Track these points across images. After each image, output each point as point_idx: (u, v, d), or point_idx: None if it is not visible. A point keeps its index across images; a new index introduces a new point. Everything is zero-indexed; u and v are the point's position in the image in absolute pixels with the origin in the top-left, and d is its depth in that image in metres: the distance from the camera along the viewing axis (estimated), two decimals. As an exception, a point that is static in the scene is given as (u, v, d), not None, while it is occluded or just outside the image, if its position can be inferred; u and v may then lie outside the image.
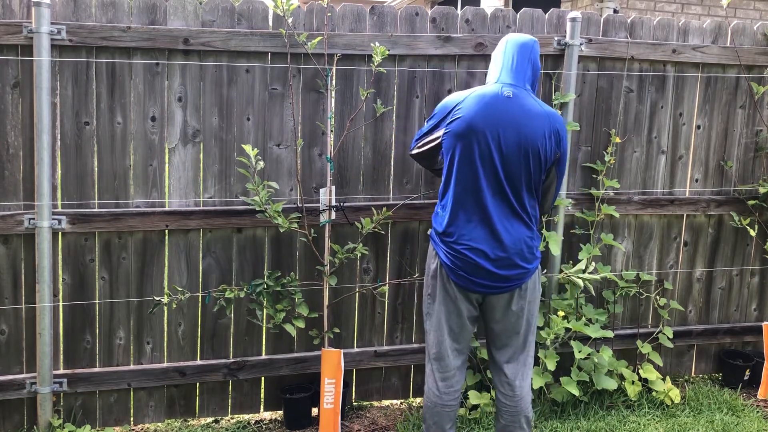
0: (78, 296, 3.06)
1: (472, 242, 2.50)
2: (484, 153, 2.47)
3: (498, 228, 2.50)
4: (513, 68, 2.57)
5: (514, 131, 2.47)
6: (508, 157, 2.47)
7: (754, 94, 3.73)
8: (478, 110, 2.48)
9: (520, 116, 2.48)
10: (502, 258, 2.50)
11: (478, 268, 2.50)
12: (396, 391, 3.53)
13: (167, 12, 2.98)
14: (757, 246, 3.90)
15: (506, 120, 2.47)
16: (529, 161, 2.49)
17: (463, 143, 2.49)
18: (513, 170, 2.49)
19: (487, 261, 2.49)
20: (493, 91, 2.52)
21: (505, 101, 2.49)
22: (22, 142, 2.91)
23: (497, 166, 2.47)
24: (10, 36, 2.81)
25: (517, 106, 2.49)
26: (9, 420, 3.06)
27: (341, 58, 3.15)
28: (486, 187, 2.49)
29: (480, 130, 2.47)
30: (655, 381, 3.56)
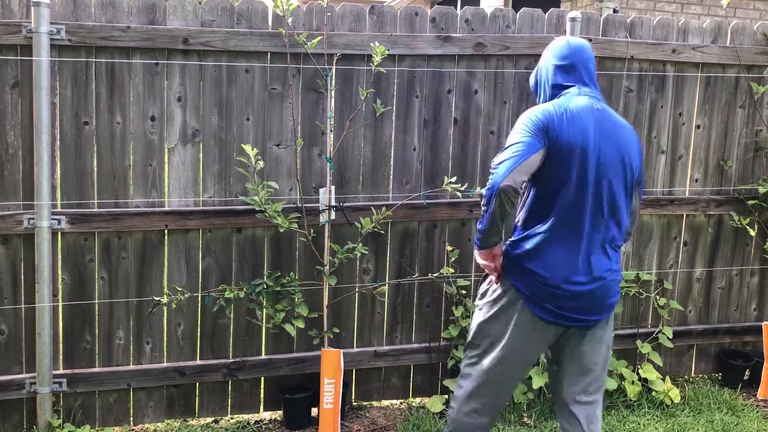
0: (77, 296, 3.06)
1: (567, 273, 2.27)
2: (582, 173, 2.24)
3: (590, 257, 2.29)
4: (588, 77, 2.40)
5: (613, 148, 2.28)
6: (611, 176, 2.27)
7: (753, 93, 3.73)
8: (577, 123, 2.25)
9: (614, 131, 2.30)
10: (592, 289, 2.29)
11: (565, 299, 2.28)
12: (396, 391, 3.53)
13: (167, 12, 2.98)
14: (757, 246, 3.89)
15: (605, 136, 2.27)
16: (627, 179, 2.32)
17: (563, 158, 2.23)
18: (615, 190, 2.29)
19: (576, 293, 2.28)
20: (583, 103, 2.30)
21: (597, 113, 2.29)
22: (21, 142, 2.91)
23: (593, 187, 2.25)
24: (10, 36, 2.81)
25: (609, 120, 2.31)
26: (8, 420, 3.06)
27: (341, 58, 3.15)
28: (589, 212, 2.26)
29: (582, 144, 2.23)
30: (655, 381, 3.56)
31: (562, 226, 2.26)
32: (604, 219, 2.29)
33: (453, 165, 3.40)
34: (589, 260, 2.27)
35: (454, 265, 3.45)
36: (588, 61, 2.42)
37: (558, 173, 2.24)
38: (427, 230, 3.42)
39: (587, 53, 2.43)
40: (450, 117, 3.37)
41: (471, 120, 3.39)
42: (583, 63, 2.41)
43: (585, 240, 2.27)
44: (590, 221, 2.26)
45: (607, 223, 2.30)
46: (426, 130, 3.35)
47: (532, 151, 2.21)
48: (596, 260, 2.28)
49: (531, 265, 2.28)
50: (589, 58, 2.43)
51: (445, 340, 3.49)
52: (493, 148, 3.44)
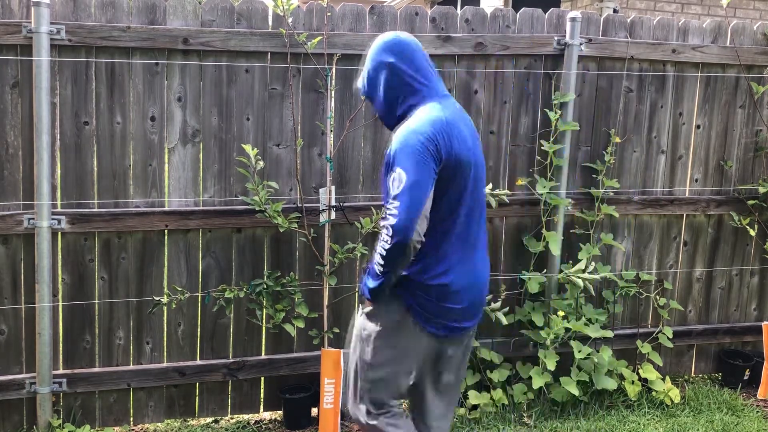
0: (77, 296, 3.06)
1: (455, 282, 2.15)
2: (468, 180, 2.12)
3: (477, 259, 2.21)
4: (432, 75, 2.19)
5: (479, 148, 2.20)
6: (481, 178, 2.19)
7: (753, 93, 3.73)
8: (461, 134, 2.10)
9: (472, 131, 2.20)
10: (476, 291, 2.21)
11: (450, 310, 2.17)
12: (396, 391, 3.53)
13: (167, 12, 2.98)
14: (757, 246, 3.89)
15: (474, 138, 2.17)
16: (484, 179, 2.24)
17: (455, 177, 2.08)
18: (481, 191, 2.21)
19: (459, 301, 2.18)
20: (452, 107, 2.15)
21: (463, 116, 2.17)
22: (21, 142, 2.90)
23: (479, 193, 2.18)
24: (10, 36, 2.81)
25: (467, 119, 2.21)
26: (8, 420, 3.06)
27: (341, 57, 3.15)
28: (474, 219, 2.17)
29: (467, 155, 2.10)
30: (655, 381, 3.56)
31: (459, 239, 2.13)
32: (483, 226, 2.22)
33: (453, 165, 3.40)
34: (478, 265, 2.21)
35: (454, 265, 3.44)
36: (424, 56, 2.21)
37: (453, 192, 2.08)
38: (427, 230, 3.42)
39: (420, 46, 2.23)
40: (450, 117, 3.36)
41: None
42: (423, 59, 2.19)
43: (476, 247, 2.19)
44: (476, 232, 2.18)
45: (483, 227, 2.23)
46: (426, 130, 3.34)
47: (427, 191, 2.00)
48: (483, 264, 2.24)
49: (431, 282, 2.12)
50: (423, 52, 2.22)
51: (445, 340, 3.48)
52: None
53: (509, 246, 3.54)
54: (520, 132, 3.47)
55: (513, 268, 3.55)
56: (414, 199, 1.97)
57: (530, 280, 3.39)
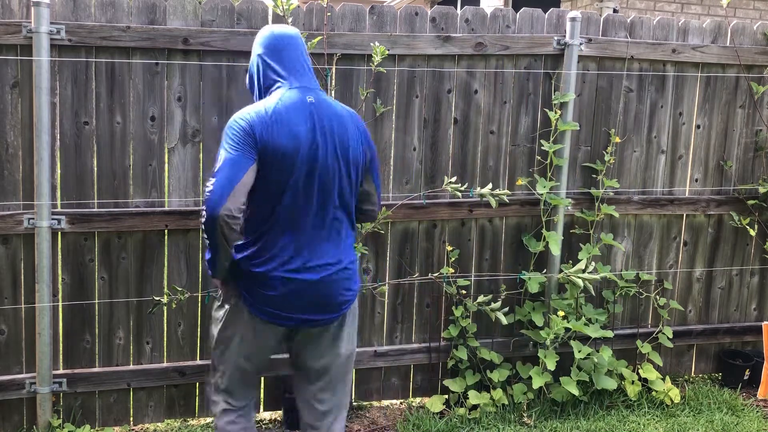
0: (77, 296, 3.06)
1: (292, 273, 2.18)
2: (306, 171, 2.14)
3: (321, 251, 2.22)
4: (297, 67, 2.23)
5: (331, 140, 2.18)
6: (333, 172, 2.18)
7: (753, 93, 3.73)
8: (287, 123, 2.12)
9: (331, 121, 2.19)
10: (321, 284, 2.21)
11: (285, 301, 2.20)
12: (396, 391, 3.53)
13: (167, 12, 2.98)
14: (757, 246, 3.89)
15: (321, 130, 2.16)
16: (351, 169, 2.23)
17: (279, 165, 2.12)
18: (340, 185, 2.21)
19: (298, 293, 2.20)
20: (293, 98, 2.17)
21: (310, 107, 2.17)
22: (21, 142, 2.90)
23: (317, 183, 2.17)
24: (10, 36, 2.81)
25: (325, 110, 2.19)
26: (8, 420, 3.06)
27: (341, 57, 3.15)
28: (306, 209, 2.18)
29: (296, 145, 2.12)
30: (655, 381, 3.56)
31: (285, 229, 2.17)
32: (329, 216, 2.21)
33: (453, 165, 3.40)
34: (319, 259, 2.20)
35: (454, 264, 3.45)
36: (297, 50, 2.26)
37: (275, 180, 2.13)
38: (427, 230, 3.42)
39: (297, 41, 2.28)
40: (450, 117, 3.37)
41: (471, 120, 3.40)
42: (293, 52, 2.25)
43: (308, 240, 2.19)
44: (313, 222, 2.19)
45: (334, 219, 2.23)
46: (426, 130, 3.35)
47: (243, 169, 2.07)
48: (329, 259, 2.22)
49: (255, 269, 2.18)
50: (299, 46, 2.27)
51: (445, 340, 3.49)
52: (493, 148, 3.44)
53: (509, 246, 3.54)
54: (520, 132, 3.47)
55: (513, 268, 3.55)
56: (225, 177, 2.06)
57: (530, 280, 3.39)
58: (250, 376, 2.41)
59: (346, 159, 2.22)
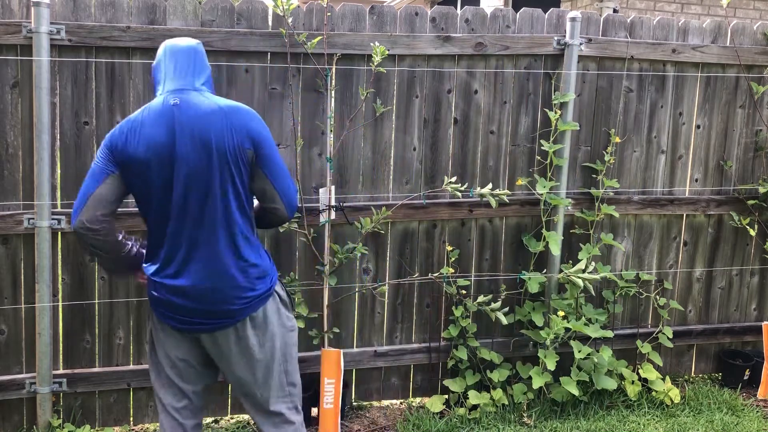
0: (77, 296, 3.06)
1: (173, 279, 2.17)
2: (167, 177, 2.11)
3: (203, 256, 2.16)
4: (175, 74, 2.20)
5: (196, 141, 2.11)
6: (201, 173, 2.12)
7: (753, 93, 3.73)
8: (145, 133, 2.11)
9: (193, 121, 2.12)
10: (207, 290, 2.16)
11: (176, 306, 2.18)
12: (396, 391, 3.53)
13: (167, 12, 2.98)
14: (757, 246, 3.89)
15: (178, 131, 2.11)
16: (226, 167, 2.13)
17: (142, 176, 2.12)
18: (212, 184, 2.13)
19: (185, 298, 2.17)
20: (157, 105, 2.15)
21: (173, 110, 2.13)
22: (21, 142, 2.91)
23: (183, 186, 2.12)
24: (10, 36, 2.81)
25: (187, 111, 2.13)
26: (8, 420, 3.06)
27: (341, 57, 3.15)
28: (178, 214, 2.14)
29: (153, 150, 2.10)
30: (655, 381, 3.56)
31: (161, 235, 2.17)
32: (207, 219, 2.14)
33: (453, 165, 3.40)
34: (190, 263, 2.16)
35: (454, 264, 3.45)
36: (181, 57, 2.22)
37: (140, 190, 2.15)
38: (427, 230, 3.43)
39: (181, 50, 2.23)
40: (450, 117, 3.37)
41: (471, 120, 3.40)
42: (170, 58, 2.22)
43: (186, 245, 2.15)
44: (189, 225, 2.14)
45: (215, 221, 2.15)
46: (426, 130, 3.35)
47: (98, 181, 2.13)
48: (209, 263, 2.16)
49: (152, 276, 2.21)
50: (179, 51, 2.22)
51: (445, 340, 3.49)
52: (493, 148, 3.44)
53: (509, 246, 3.54)
54: (520, 132, 3.47)
55: (513, 268, 3.55)
56: (81, 190, 2.16)
57: (530, 280, 3.39)
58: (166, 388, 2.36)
59: (213, 156, 2.12)
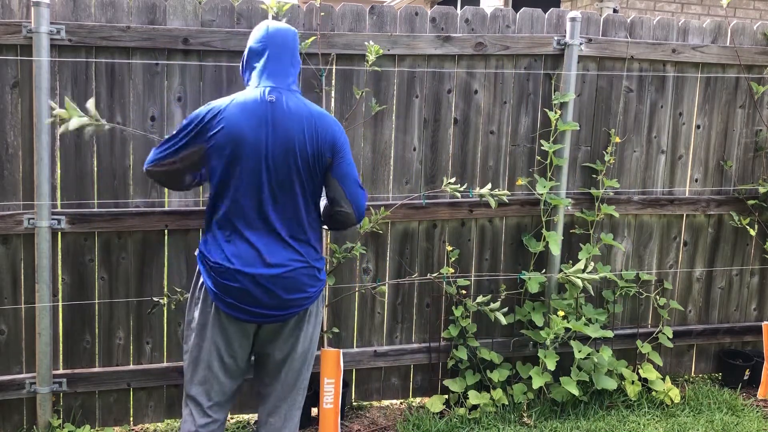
0: (77, 296, 3.06)
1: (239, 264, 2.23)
2: (252, 167, 2.21)
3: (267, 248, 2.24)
4: (276, 66, 2.29)
5: (281, 140, 2.22)
6: (277, 169, 2.22)
7: (753, 93, 3.73)
8: (240, 120, 2.20)
9: (284, 121, 2.23)
10: (272, 279, 2.23)
11: (244, 292, 2.23)
12: (396, 391, 3.53)
13: (167, 12, 2.98)
14: (757, 246, 3.89)
15: (271, 127, 2.21)
16: (302, 169, 2.25)
17: (227, 158, 2.21)
18: (284, 182, 2.24)
19: (254, 284, 2.22)
20: (255, 96, 2.24)
21: (269, 106, 2.23)
22: (21, 142, 2.91)
23: (265, 179, 2.22)
24: (10, 36, 2.81)
25: (281, 111, 2.23)
26: (8, 420, 3.06)
27: (341, 57, 3.15)
28: (256, 204, 2.24)
29: (245, 141, 2.19)
30: (655, 381, 3.56)
31: (235, 221, 2.24)
32: (278, 212, 2.25)
33: (453, 165, 3.40)
34: (262, 252, 2.23)
35: (454, 264, 3.45)
36: (282, 48, 2.31)
37: (222, 171, 2.23)
38: (427, 230, 3.43)
39: (283, 39, 2.32)
40: (450, 117, 3.37)
41: (471, 120, 3.40)
42: (276, 50, 2.30)
43: (259, 233, 2.24)
44: (261, 215, 2.23)
45: (284, 216, 2.26)
46: (426, 130, 3.35)
47: (175, 148, 2.26)
48: (272, 252, 2.24)
49: (212, 258, 2.26)
50: (284, 45, 2.31)
51: (445, 340, 3.49)
52: (493, 148, 3.44)
53: (509, 246, 3.54)
54: (520, 132, 3.47)
55: (513, 268, 3.55)
56: (161, 145, 2.30)
57: (530, 280, 3.39)
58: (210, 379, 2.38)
59: (295, 157, 2.23)
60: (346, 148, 2.35)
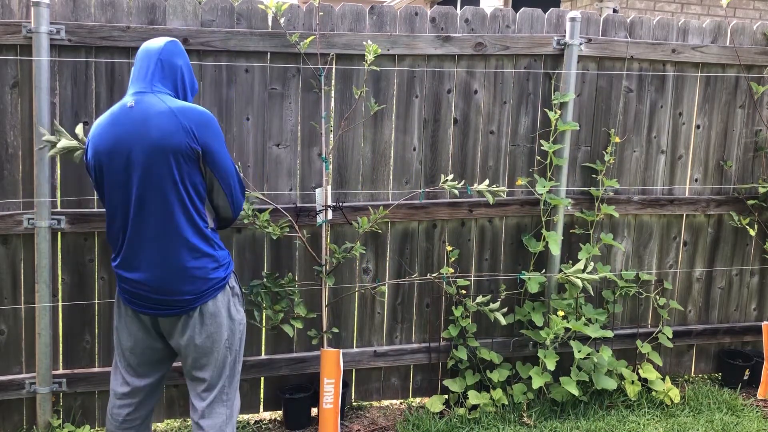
0: (77, 296, 3.06)
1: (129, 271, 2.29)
2: (119, 174, 2.23)
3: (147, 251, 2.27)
4: (139, 76, 2.31)
5: (142, 140, 2.21)
6: (144, 171, 2.21)
7: (753, 93, 3.73)
8: (102, 132, 2.25)
9: (144, 121, 2.22)
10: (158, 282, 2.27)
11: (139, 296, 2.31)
12: (395, 391, 3.53)
13: (166, 12, 2.98)
14: (757, 246, 3.89)
15: (132, 132, 2.21)
16: (168, 167, 2.22)
17: (99, 170, 2.28)
18: (153, 183, 2.22)
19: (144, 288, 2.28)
20: (118, 106, 2.28)
21: (129, 112, 2.23)
22: (21, 142, 2.91)
23: (134, 184, 2.23)
24: (10, 36, 2.81)
25: (141, 112, 2.23)
26: (8, 420, 3.06)
27: (341, 57, 3.15)
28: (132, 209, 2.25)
29: (108, 151, 2.23)
30: (655, 381, 3.56)
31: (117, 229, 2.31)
32: (162, 215, 2.24)
33: (453, 165, 3.40)
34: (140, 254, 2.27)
35: (453, 265, 3.45)
36: (149, 60, 2.32)
37: (99, 183, 2.31)
38: (427, 230, 3.43)
39: (152, 52, 2.34)
40: (450, 117, 3.37)
41: (471, 120, 3.40)
42: (144, 63, 2.33)
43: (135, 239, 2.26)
44: (145, 221, 2.24)
45: (168, 217, 2.24)
46: (426, 130, 3.35)
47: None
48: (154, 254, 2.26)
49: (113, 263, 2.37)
50: (154, 56, 2.32)
51: (444, 340, 3.49)
52: (493, 148, 3.44)
53: (509, 246, 3.54)
54: (519, 132, 3.47)
55: (513, 268, 3.55)
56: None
57: (530, 280, 3.39)
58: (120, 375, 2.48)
59: (160, 151, 2.20)
60: (215, 137, 2.30)
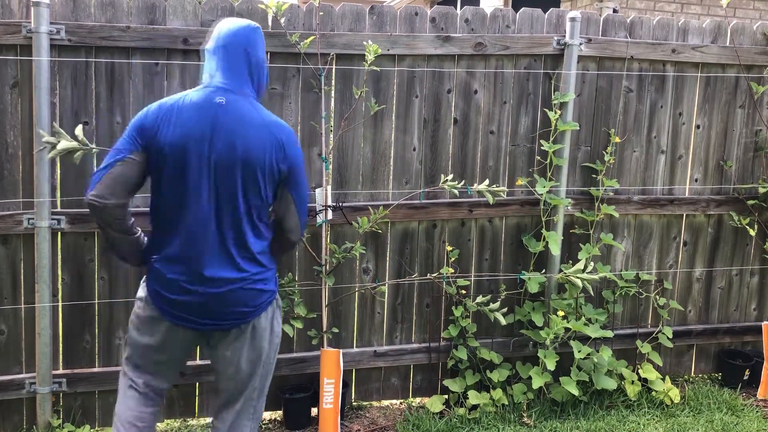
0: (77, 296, 3.06)
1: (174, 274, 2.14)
2: (193, 171, 2.09)
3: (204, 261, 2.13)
4: (225, 67, 2.16)
5: (231, 147, 2.09)
6: (220, 176, 2.10)
7: (753, 93, 3.73)
8: (183, 121, 2.09)
9: (236, 128, 2.10)
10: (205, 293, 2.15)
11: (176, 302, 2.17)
12: (395, 391, 3.53)
13: (166, 12, 2.98)
14: (757, 246, 3.89)
15: (217, 132, 2.09)
16: (251, 176, 2.12)
17: (167, 161, 2.09)
18: (233, 192, 2.12)
19: (186, 294, 2.14)
20: (202, 97, 2.12)
21: (218, 107, 2.11)
22: (21, 142, 2.91)
23: (207, 186, 2.10)
24: (10, 36, 2.81)
25: (233, 114, 2.11)
26: (8, 420, 3.06)
27: (341, 57, 3.15)
28: (195, 211, 2.11)
29: (186, 145, 2.08)
30: (655, 381, 3.56)
31: (175, 228, 2.13)
32: (222, 223, 2.13)
33: (453, 165, 3.40)
34: (203, 264, 2.13)
35: (453, 264, 3.45)
36: (237, 49, 2.18)
37: (159, 175, 2.12)
38: (427, 230, 3.43)
39: (242, 39, 2.19)
40: (450, 117, 3.37)
41: (471, 120, 3.40)
42: (229, 49, 2.17)
43: (198, 244, 2.12)
44: (203, 224, 2.12)
45: (227, 227, 2.14)
46: (426, 130, 3.35)
47: (119, 157, 2.09)
48: (212, 265, 2.14)
49: (156, 264, 2.18)
50: (243, 45, 2.19)
51: (444, 340, 3.49)
52: (493, 148, 3.44)
53: (509, 246, 3.54)
54: (519, 132, 3.47)
55: (513, 268, 3.55)
56: (105, 161, 2.12)
57: (530, 280, 3.39)
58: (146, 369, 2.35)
59: (246, 163, 2.11)
60: (300, 161, 2.24)
